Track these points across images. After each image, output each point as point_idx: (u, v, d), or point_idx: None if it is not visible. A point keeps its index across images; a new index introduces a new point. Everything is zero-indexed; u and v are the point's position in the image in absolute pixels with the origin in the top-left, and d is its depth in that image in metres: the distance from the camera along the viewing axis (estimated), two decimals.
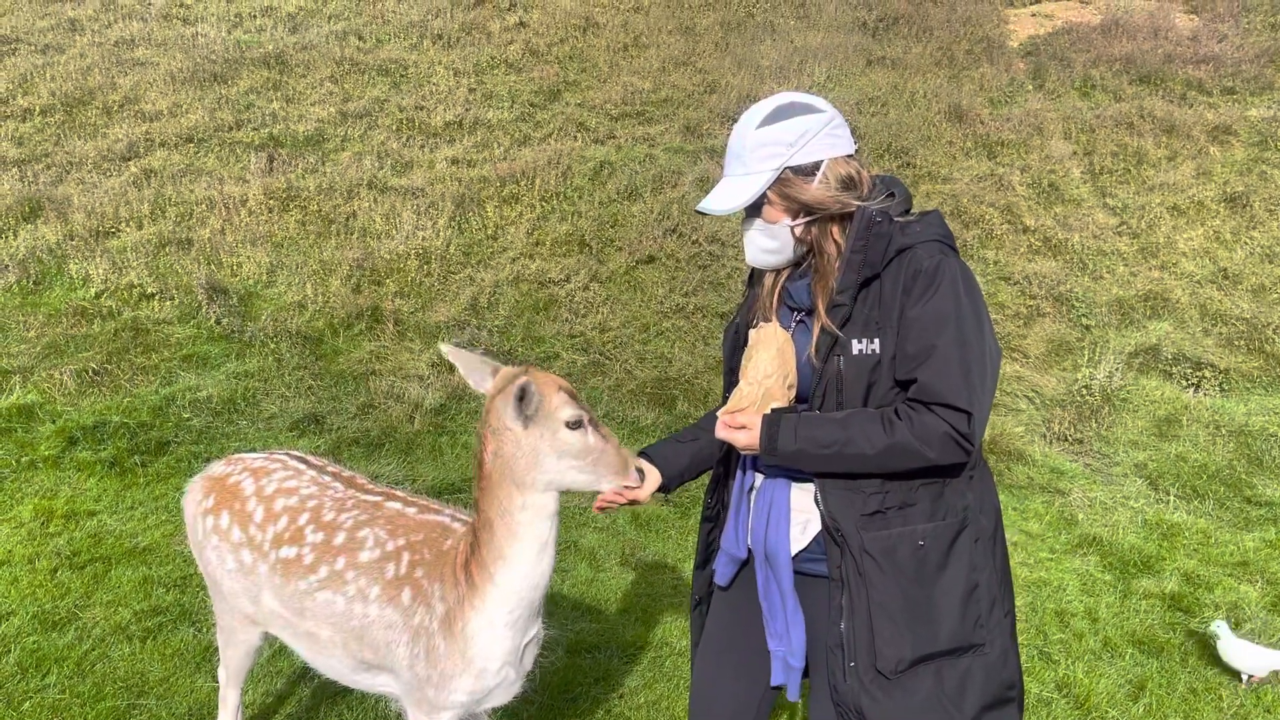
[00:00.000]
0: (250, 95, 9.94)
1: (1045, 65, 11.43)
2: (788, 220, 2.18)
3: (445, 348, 2.44)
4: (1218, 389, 7.22)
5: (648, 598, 4.56)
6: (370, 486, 2.76)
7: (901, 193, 2.24)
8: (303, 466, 2.81)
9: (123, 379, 6.21)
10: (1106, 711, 3.91)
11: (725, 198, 2.18)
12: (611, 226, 8.35)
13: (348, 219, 8.14)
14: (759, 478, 2.32)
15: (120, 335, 6.62)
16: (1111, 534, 5.37)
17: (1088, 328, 7.76)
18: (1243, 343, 7.66)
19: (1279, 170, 9.73)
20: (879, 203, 2.17)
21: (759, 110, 2.20)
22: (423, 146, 9.27)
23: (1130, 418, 6.83)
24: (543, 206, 8.46)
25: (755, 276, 2.40)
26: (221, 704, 3.07)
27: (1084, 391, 7.03)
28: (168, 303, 7.02)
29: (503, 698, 2.55)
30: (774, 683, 2.31)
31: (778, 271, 2.29)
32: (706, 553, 2.50)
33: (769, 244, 2.22)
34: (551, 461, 2.26)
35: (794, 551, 2.22)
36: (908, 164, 9.43)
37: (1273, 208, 9.18)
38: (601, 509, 2.43)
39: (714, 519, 2.47)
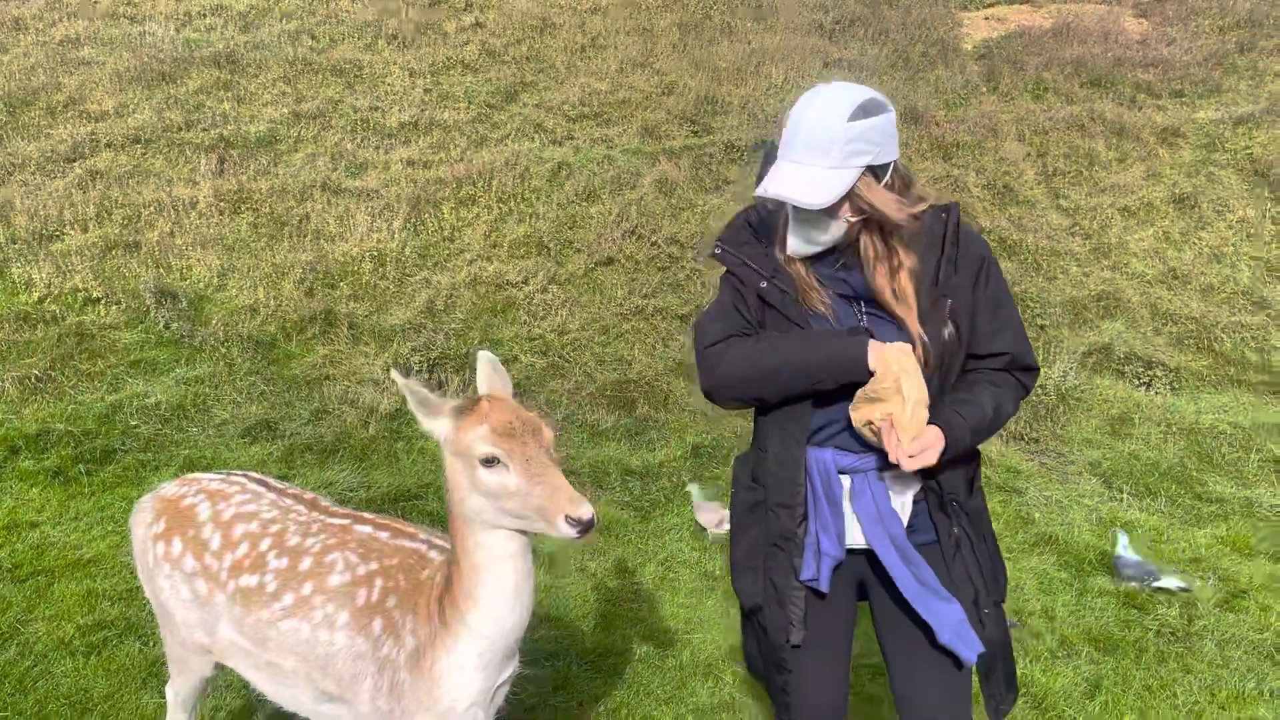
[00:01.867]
0: (200, 95, 9.76)
1: (999, 68, 11.55)
2: (849, 216, 2.18)
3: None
4: (1169, 388, 7.32)
5: (607, 604, 4.52)
6: (335, 509, 2.65)
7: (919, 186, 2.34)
8: (261, 489, 2.69)
9: (67, 386, 6.05)
10: (1064, 710, 3.94)
11: (809, 190, 2.11)
12: (570, 228, 8.29)
13: (301, 221, 8.01)
14: (846, 480, 2.35)
15: (64, 341, 6.45)
16: (1067, 533, 5.41)
17: (1042, 327, 7.84)
18: (1192, 342, 7.78)
19: (1226, 172, 9.90)
20: (929, 205, 2.27)
21: (845, 102, 2.12)
22: (378, 148, 9.15)
23: (1084, 417, 6.90)
24: (500, 208, 8.39)
25: (769, 262, 2.35)
26: None
27: (1039, 391, 7.09)
28: (114, 307, 6.85)
29: None
30: (971, 661, 2.35)
31: (809, 258, 2.32)
32: (774, 562, 2.40)
33: (822, 237, 2.23)
34: (477, 500, 2.15)
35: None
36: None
37: (1220, 209, 9.34)
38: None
39: (800, 518, 2.37)
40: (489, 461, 2.11)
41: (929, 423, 2.19)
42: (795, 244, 2.26)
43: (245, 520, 2.58)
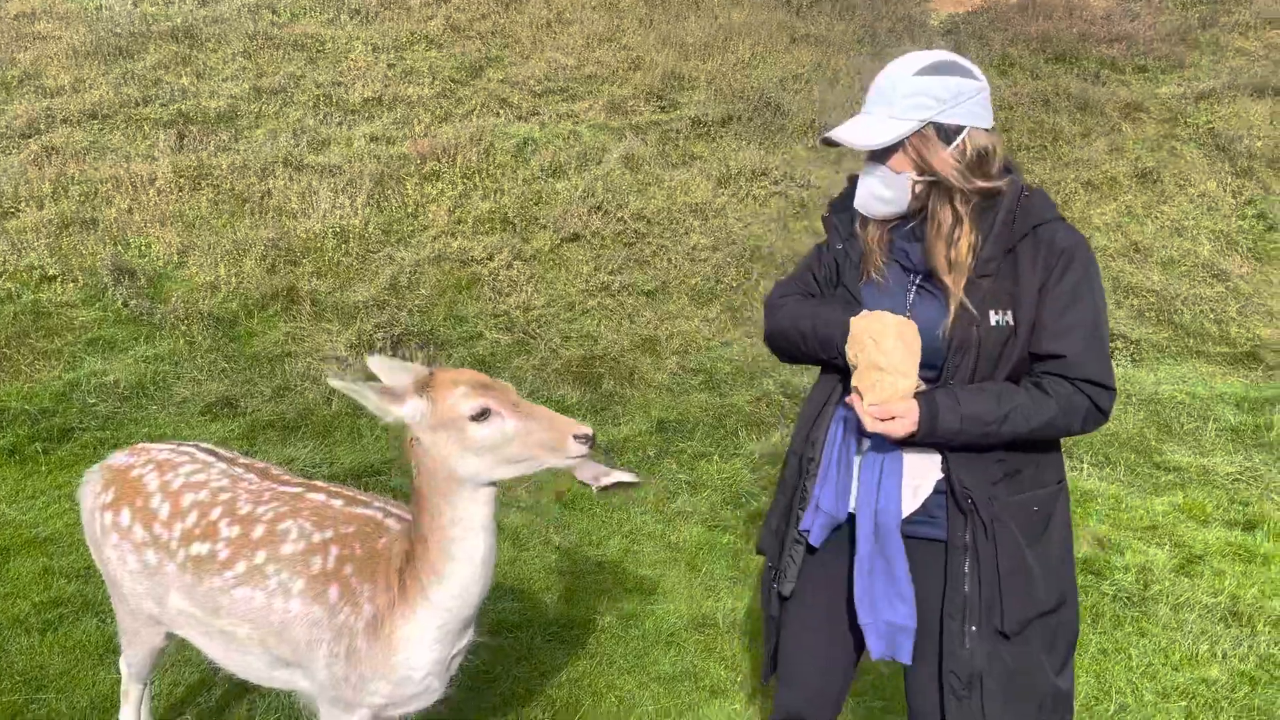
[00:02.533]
0: (158, 70, 9.60)
1: (965, 43, 11.58)
2: (912, 174, 2.15)
3: (372, 360, 2.29)
4: (1129, 359, 7.41)
5: (571, 576, 4.53)
6: (287, 477, 2.63)
7: (1014, 167, 2.25)
8: (211, 459, 2.66)
9: (23, 364, 5.96)
10: None
11: (864, 133, 2.14)
12: (535, 204, 8.25)
13: (262, 198, 7.91)
14: (865, 442, 2.28)
15: (20, 319, 6.35)
16: None
17: None
18: (1153, 314, 7.87)
19: (1188, 146, 10.01)
20: (1011, 181, 2.18)
21: (918, 59, 2.16)
22: (340, 123, 9.05)
23: None
24: (465, 184, 8.33)
25: (849, 225, 2.35)
26: (124, 698, 2.95)
27: None
28: (71, 285, 6.76)
29: (423, 703, 2.48)
30: (876, 656, 2.29)
31: (882, 223, 2.27)
32: (788, 510, 2.44)
33: (885, 193, 2.20)
34: (472, 461, 2.15)
35: (904, 515, 2.24)
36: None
37: (1182, 183, 9.44)
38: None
39: (807, 473, 2.39)
40: (481, 415, 2.12)
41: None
42: (861, 198, 2.24)
43: (194, 489, 2.55)
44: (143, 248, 7.25)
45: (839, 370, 2.35)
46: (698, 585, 4.55)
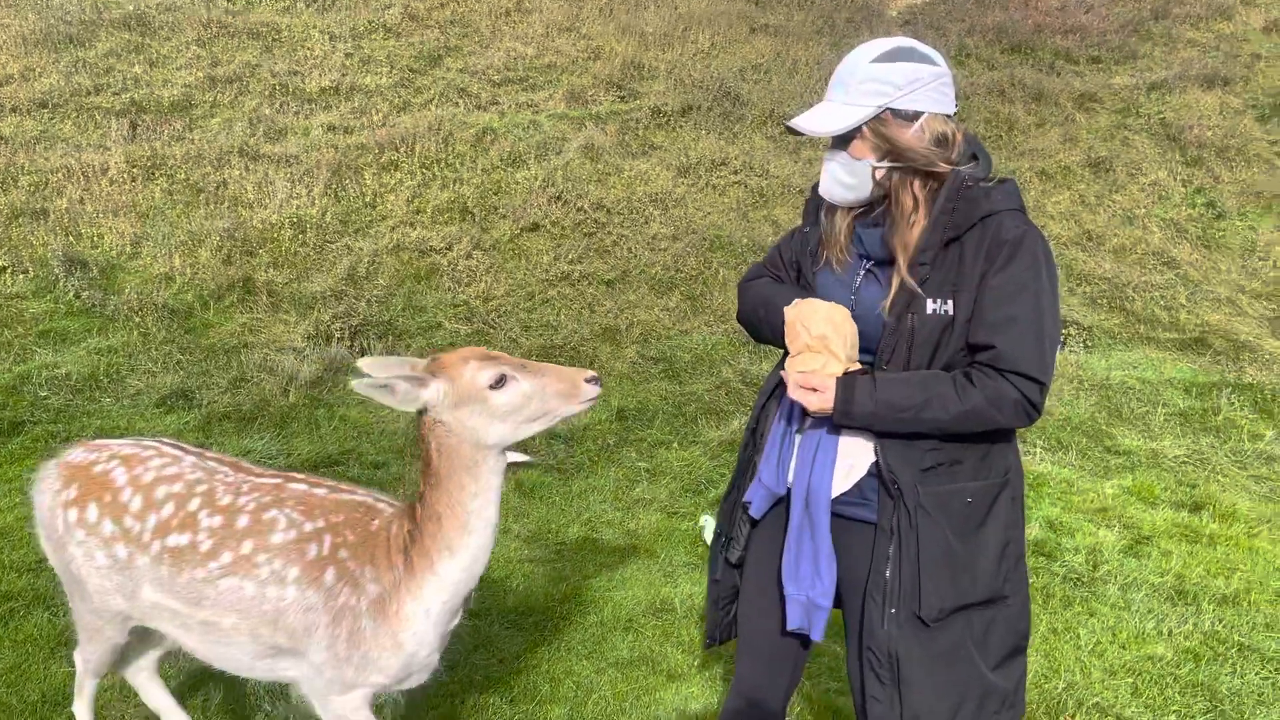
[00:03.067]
0: (110, 59, 9.44)
1: (922, 34, 11.67)
2: (872, 160, 2.18)
3: (363, 361, 2.35)
4: (1082, 346, 7.53)
5: (529, 563, 4.54)
6: (259, 470, 2.63)
7: (984, 156, 2.25)
8: (179, 453, 2.64)
9: None
10: None
11: (820, 120, 2.18)
12: (495, 194, 8.22)
13: (218, 188, 7.82)
14: (806, 419, 2.32)
15: None
16: None
17: None
18: (1105, 301, 8.01)
19: (1140, 136, 10.17)
20: (967, 167, 2.20)
21: (876, 46, 2.19)
22: (297, 113, 8.96)
23: None
24: (423, 174, 8.28)
25: (815, 211, 2.39)
26: (78, 691, 2.92)
27: None
28: (20, 276, 6.64)
29: (422, 678, 2.53)
30: (791, 626, 2.33)
31: (849, 211, 2.29)
32: (742, 480, 2.51)
33: (847, 179, 2.22)
34: (498, 427, 2.25)
35: (835, 494, 2.26)
36: (789, 130, 9.53)
37: (1133, 172, 9.59)
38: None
39: (755, 447, 2.47)
40: (499, 382, 2.23)
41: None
42: (825, 184, 2.27)
43: (168, 482, 2.53)
44: (95, 238, 7.14)
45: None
46: (656, 572, 4.58)
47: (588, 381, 2.29)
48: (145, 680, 3.04)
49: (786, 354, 2.35)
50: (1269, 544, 5.21)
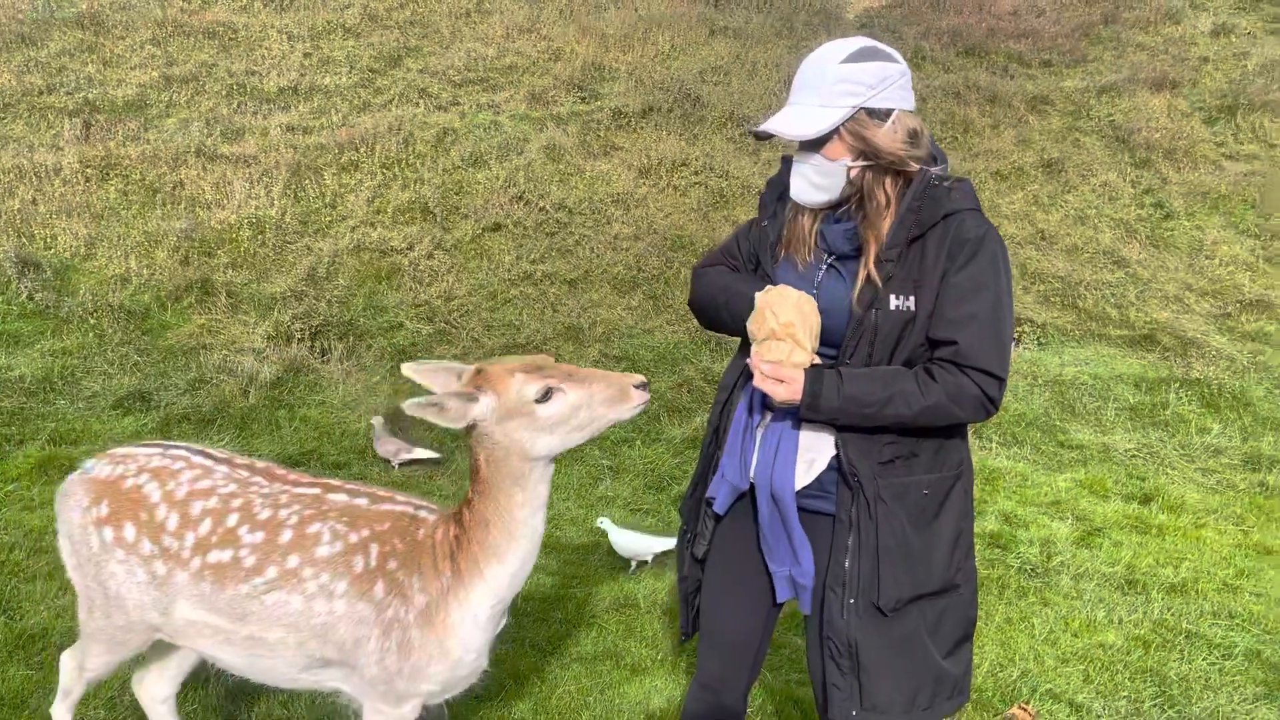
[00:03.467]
0: (63, 58, 9.31)
1: (879, 37, 11.75)
2: (847, 160, 2.19)
3: (407, 368, 2.33)
4: (1036, 343, 7.68)
5: None
6: (295, 477, 2.59)
7: (941, 156, 2.28)
8: (210, 462, 2.58)
9: None
10: None
11: (798, 123, 2.17)
12: (456, 194, 8.22)
13: (174, 188, 7.74)
14: (768, 415, 2.34)
15: None
16: None
17: None
18: (1058, 299, 8.17)
19: (1091, 138, 10.37)
20: (938, 168, 2.24)
21: (840, 47, 2.19)
22: (255, 113, 8.89)
23: None
24: (384, 174, 8.26)
25: (773, 205, 2.41)
26: (64, 695, 2.84)
27: None
28: None
29: (470, 683, 2.54)
30: (782, 598, 2.38)
31: (815, 212, 2.30)
32: (703, 477, 2.53)
33: (819, 181, 2.23)
34: (545, 439, 2.23)
35: (798, 488, 2.30)
36: (749, 132, 9.61)
37: (1085, 173, 9.78)
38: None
39: (718, 443, 2.49)
40: (545, 396, 2.20)
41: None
42: (796, 186, 2.27)
43: (203, 497, 2.49)
44: (48, 239, 7.04)
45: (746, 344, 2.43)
46: (619, 568, 4.61)
47: (637, 388, 2.25)
48: (165, 713, 3.01)
49: (746, 344, 2.39)
50: (1216, 534, 5.36)
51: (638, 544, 4.58)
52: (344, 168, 8.24)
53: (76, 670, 2.78)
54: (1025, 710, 3.63)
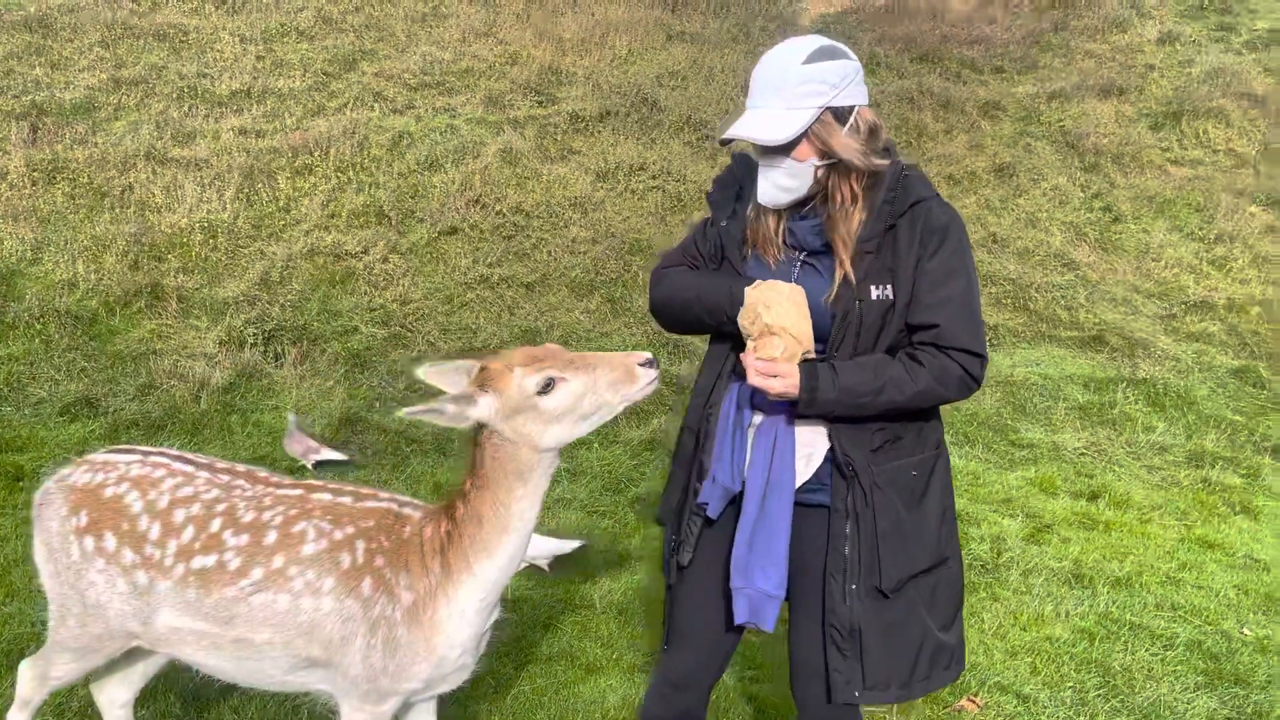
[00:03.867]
0: (9, 61, 9.14)
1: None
2: (814, 160, 2.22)
3: (422, 371, 2.33)
4: (989, 344, 7.78)
5: None
6: (277, 479, 2.59)
7: (892, 147, 2.34)
8: (189, 468, 2.57)
9: None
10: None
11: (768, 128, 2.18)
12: (412, 198, 8.18)
13: (123, 192, 7.64)
14: (758, 415, 2.37)
15: None
16: None
17: None
18: (1009, 301, 8.29)
19: (1041, 143, 10.55)
20: (895, 162, 2.29)
21: (799, 47, 2.21)
22: (207, 116, 8.79)
23: None
24: (338, 177, 8.20)
25: (730, 205, 2.43)
26: (23, 704, 2.79)
27: None
28: None
29: (456, 681, 2.52)
30: (738, 620, 2.38)
31: (779, 210, 2.33)
32: (685, 484, 2.52)
33: (788, 182, 2.25)
34: (554, 430, 2.23)
35: (798, 484, 2.33)
36: (707, 137, 9.67)
37: (1036, 177, 9.95)
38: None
39: (703, 448, 2.48)
40: (547, 387, 2.19)
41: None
42: (765, 191, 2.29)
43: (185, 505, 2.47)
44: None
45: (730, 344, 2.45)
46: (575, 569, 4.62)
47: (642, 365, 2.24)
48: (122, 718, 2.96)
49: (719, 345, 2.41)
50: (1160, 529, 5.47)
51: (536, 546, 4.33)
52: (298, 171, 8.17)
53: (38, 680, 2.73)
54: (974, 702, 3.69)
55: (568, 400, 2.21)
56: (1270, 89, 11.09)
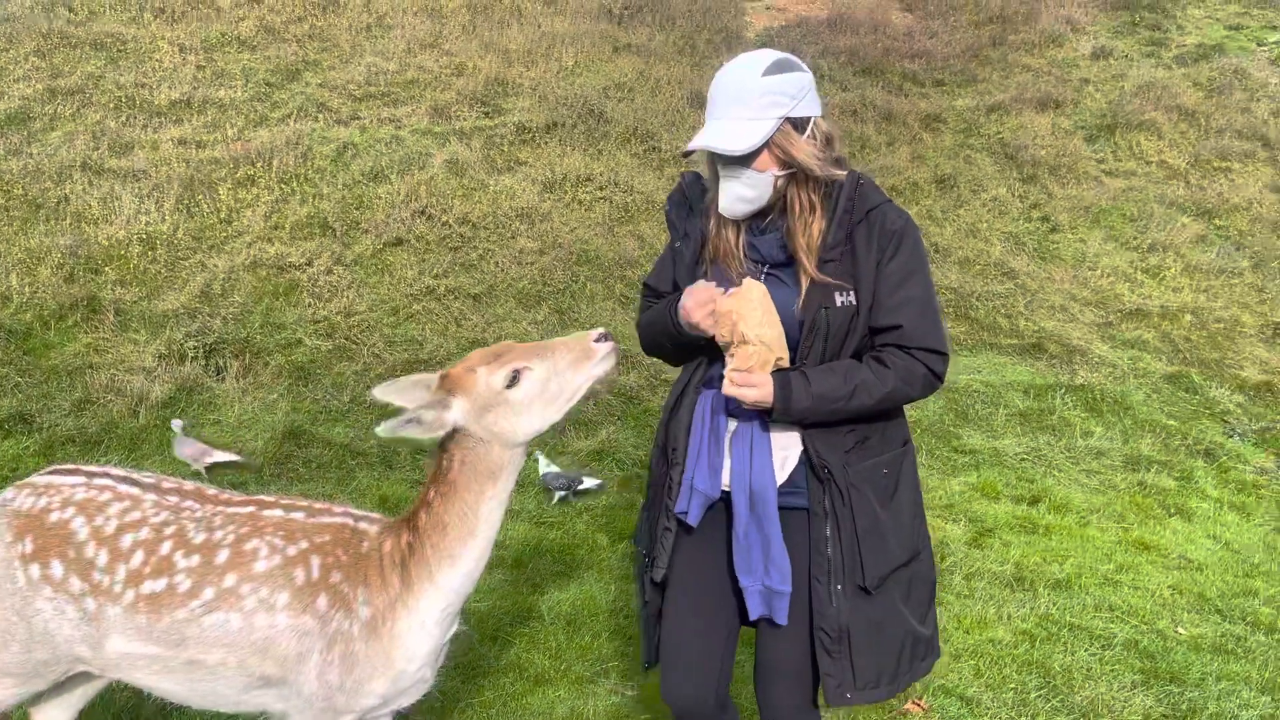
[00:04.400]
0: None
1: None
2: (774, 170, 2.26)
3: (379, 390, 2.30)
4: None
5: None
6: (228, 496, 2.54)
7: (843, 157, 2.40)
8: (136, 490, 2.50)
9: None
10: None
11: (732, 138, 2.22)
12: (356, 209, 8.11)
13: (59, 203, 7.47)
14: (733, 422, 2.40)
15: None
16: None
17: None
18: (951, 310, 8.43)
19: (981, 155, 10.76)
20: (853, 170, 2.35)
21: (757, 60, 2.26)
22: (145, 126, 8.64)
23: None
24: (282, 189, 8.10)
25: (683, 225, 2.48)
26: None
27: None
28: None
29: (414, 696, 2.49)
30: (753, 616, 2.42)
31: (739, 224, 2.38)
32: (656, 500, 2.56)
33: (748, 193, 2.30)
34: (526, 421, 2.26)
35: (777, 486, 2.37)
36: (654, 148, 9.71)
37: (976, 189, 10.14)
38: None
39: (673, 463, 2.51)
40: (513, 380, 2.22)
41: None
42: (726, 202, 2.33)
43: (133, 529, 2.41)
44: None
45: (698, 359, 2.52)
46: (523, 581, 4.60)
47: (596, 340, 2.28)
48: None
49: (693, 358, 2.44)
50: (1098, 532, 5.60)
51: (555, 479, 5.33)
52: (240, 182, 8.06)
53: None
54: (919, 705, 3.74)
55: (535, 388, 2.24)
56: (1198, 102, 11.43)
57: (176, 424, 5.34)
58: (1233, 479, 6.48)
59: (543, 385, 2.25)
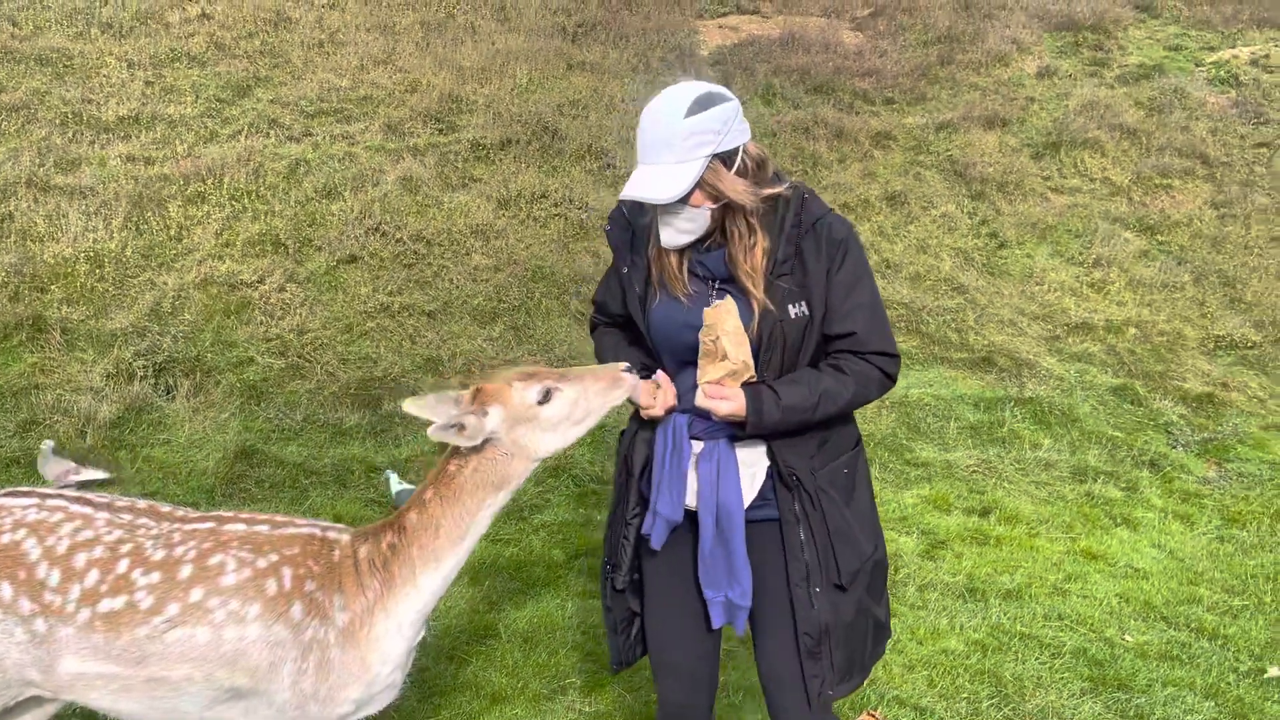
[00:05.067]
0: None
1: (732, 73, 12.20)
2: (709, 204, 2.32)
3: (408, 404, 2.39)
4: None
5: None
6: (185, 513, 2.52)
7: (782, 174, 2.46)
8: (88, 510, 2.47)
9: None
10: None
11: (663, 187, 2.26)
12: (309, 226, 8.05)
13: (2, 221, 7.34)
14: (697, 444, 2.47)
15: None
16: None
17: None
18: (903, 325, 8.55)
19: (931, 172, 10.94)
20: (789, 185, 2.41)
21: (678, 100, 2.28)
22: (92, 143, 8.51)
23: None
24: (233, 206, 8.02)
25: (628, 249, 2.54)
26: None
27: None
28: None
29: (385, 701, 2.51)
30: (716, 625, 2.51)
31: (681, 250, 2.44)
32: (621, 509, 2.62)
33: (688, 226, 2.35)
34: (550, 438, 2.38)
35: (745, 504, 2.44)
36: (609, 165, 9.76)
37: (925, 205, 10.30)
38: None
39: (630, 473, 2.60)
40: (545, 398, 2.36)
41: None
42: (667, 236, 2.38)
43: (86, 548, 2.38)
44: None
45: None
46: (480, 599, 4.59)
47: (628, 370, 2.41)
48: None
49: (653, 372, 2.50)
50: (1047, 542, 5.69)
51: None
52: (190, 199, 7.97)
53: None
54: (874, 716, 3.78)
55: (564, 408, 2.37)
56: (1140, 120, 11.73)
57: (46, 444, 5.20)
58: (1177, 489, 6.63)
59: (572, 406, 2.37)
